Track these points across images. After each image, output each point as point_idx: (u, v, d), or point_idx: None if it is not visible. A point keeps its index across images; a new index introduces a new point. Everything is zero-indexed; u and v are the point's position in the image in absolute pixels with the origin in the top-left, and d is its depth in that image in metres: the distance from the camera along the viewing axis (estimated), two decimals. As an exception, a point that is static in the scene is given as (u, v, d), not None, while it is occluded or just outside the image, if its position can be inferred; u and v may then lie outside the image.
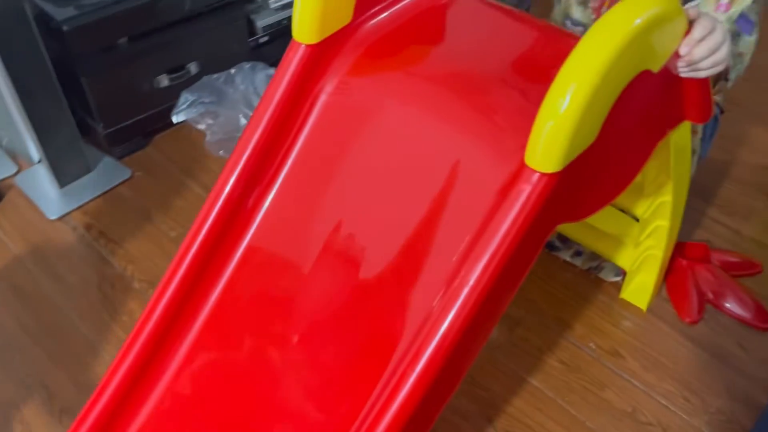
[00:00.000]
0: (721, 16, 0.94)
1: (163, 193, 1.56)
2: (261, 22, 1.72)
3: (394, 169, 0.81)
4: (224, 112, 1.58)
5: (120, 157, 1.64)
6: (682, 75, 0.78)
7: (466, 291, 0.69)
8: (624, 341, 1.27)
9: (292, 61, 0.82)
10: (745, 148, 1.70)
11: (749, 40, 0.96)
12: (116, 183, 1.57)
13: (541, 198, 0.69)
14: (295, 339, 0.82)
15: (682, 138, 0.97)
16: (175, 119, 1.59)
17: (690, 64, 0.75)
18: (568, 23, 1.19)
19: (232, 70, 1.64)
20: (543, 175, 0.68)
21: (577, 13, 1.17)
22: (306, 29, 0.82)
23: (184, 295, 0.84)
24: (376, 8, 0.88)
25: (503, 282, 0.72)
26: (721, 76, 0.95)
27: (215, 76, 1.62)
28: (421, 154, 0.80)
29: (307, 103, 0.85)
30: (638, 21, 0.65)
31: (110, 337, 1.27)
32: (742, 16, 0.98)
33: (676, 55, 0.75)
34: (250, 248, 0.86)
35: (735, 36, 0.97)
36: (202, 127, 1.60)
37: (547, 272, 1.39)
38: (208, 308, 0.86)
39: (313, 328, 0.82)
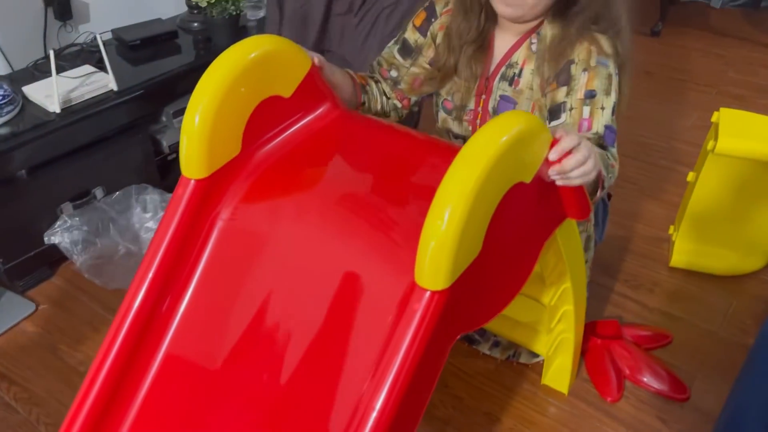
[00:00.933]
0: (588, 134, 0.98)
1: (72, 325, 1.49)
2: (167, 140, 1.73)
3: (297, 291, 0.82)
4: (102, 241, 1.54)
5: (23, 291, 1.57)
6: (558, 183, 0.83)
7: (374, 416, 0.69)
8: (551, 429, 1.28)
9: (183, 197, 0.83)
10: (640, 222, 1.81)
11: (613, 151, 0.99)
12: (19, 319, 1.49)
13: (434, 315, 0.71)
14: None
15: (568, 231, 1.02)
16: (46, 240, 1.53)
17: (561, 173, 0.80)
18: (450, 136, 1.23)
19: (117, 194, 1.61)
20: (434, 293, 0.71)
21: (454, 126, 1.21)
22: (194, 165, 0.83)
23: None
24: (265, 137, 0.91)
25: (410, 398, 0.72)
26: (599, 182, 0.95)
27: (101, 199, 1.60)
28: (321, 273, 0.81)
29: (204, 231, 0.86)
30: (504, 139, 0.71)
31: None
32: (607, 128, 0.99)
33: (547, 163, 0.81)
34: (162, 369, 0.85)
35: (604, 149, 0.99)
36: (74, 253, 1.52)
37: (471, 367, 1.39)
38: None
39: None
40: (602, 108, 0.99)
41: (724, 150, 1.44)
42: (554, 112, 1.02)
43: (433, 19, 1.14)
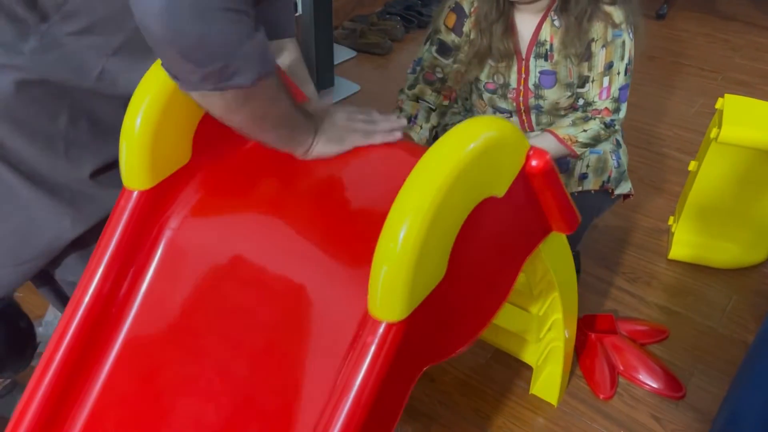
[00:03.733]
0: (606, 102, 1.23)
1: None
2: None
3: (244, 311, 0.74)
4: None
5: None
6: None
7: None
8: (543, 427, 1.24)
9: (125, 210, 0.74)
10: (640, 212, 1.76)
11: (623, 107, 1.24)
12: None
13: (391, 350, 0.61)
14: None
15: (555, 244, 0.92)
16: None
17: None
18: (497, 112, 1.33)
19: None
20: (390, 324, 0.61)
21: (501, 103, 1.31)
22: (135, 176, 0.74)
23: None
24: (217, 145, 0.81)
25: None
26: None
27: None
28: (275, 292, 0.72)
29: (148, 244, 0.77)
30: (470, 147, 0.61)
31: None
32: (621, 88, 1.22)
33: (523, 174, 0.72)
34: (107, 385, 0.76)
35: (618, 110, 1.24)
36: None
37: (458, 361, 1.35)
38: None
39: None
40: (618, 73, 1.21)
41: (728, 138, 1.38)
42: (581, 81, 1.25)
43: (465, 19, 1.25)
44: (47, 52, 0.70)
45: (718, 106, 1.45)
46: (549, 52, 1.23)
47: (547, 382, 1.27)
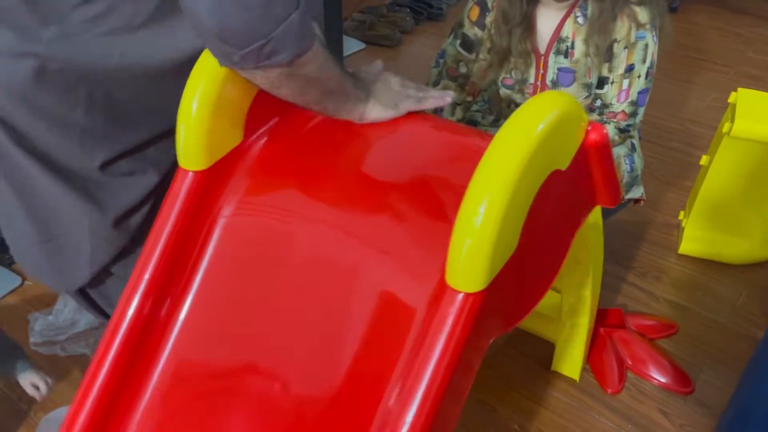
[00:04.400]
0: (623, 105, 1.22)
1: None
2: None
3: (310, 287, 0.74)
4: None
5: (10, 264, 1.53)
6: None
7: (405, 430, 0.62)
8: (548, 420, 1.24)
9: (181, 190, 0.75)
10: (650, 207, 1.74)
11: (639, 117, 1.22)
12: (4, 292, 1.46)
13: (469, 320, 0.62)
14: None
15: (594, 218, 0.97)
16: None
17: None
18: (513, 107, 1.32)
19: None
20: (468, 295, 0.62)
21: (517, 98, 1.31)
22: (193, 156, 0.75)
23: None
24: (268, 125, 0.82)
25: (443, 411, 0.65)
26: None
27: None
28: (336, 273, 0.73)
29: (204, 229, 0.78)
30: (545, 122, 0.63)
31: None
32: (641, 92, 1.21)
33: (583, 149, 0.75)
34: (162, 379, 0.76)
35: (635, 114, 1.23)
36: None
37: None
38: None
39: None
40: (638, 76, 1.19)
41: (741, 133, 1.37)
42: (600, 82, 1.23)
43: (487, 13, 1.26)
44: (66, 40, 0.70)
45: (730, 100, 1.44)
46: (570, 50, 1.22)
47: (570, 359, 1.28)
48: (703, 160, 1.52)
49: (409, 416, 0.62)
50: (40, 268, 0.84)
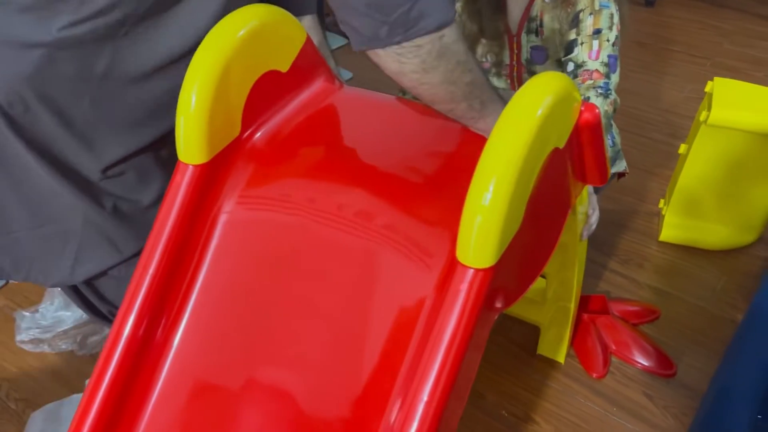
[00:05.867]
0: (596, 63, 1.22)
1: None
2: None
3: (318, 280, 0.75)
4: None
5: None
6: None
7: (421, 407, 0.63)
8: (536, 405, 1.26)
9: (182, 185, 0.75)
10: (632, 196, 1.77)
11: (614, 78, 1.20)
12: (-10, 292, 1.45)
13: (480, 295, 0.65)
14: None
15: (582, 199, 1.00)
16: None
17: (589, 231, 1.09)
18: None
19: None
20: (478, 271, 0.65)
21: (495, 82, 1.32)
22: (193, 149, 0.75)
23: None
24: (264, 116, 0.83)
25: (456, 387, 0.66)
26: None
27: None
28: (343, 264, 0.74)
29: (207, 225, 0.78)
30: (548, 100, 0.66)
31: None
32: (611, 56, 1.21)
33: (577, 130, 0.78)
34: (167, 385, 0.76)
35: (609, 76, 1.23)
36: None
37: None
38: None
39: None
40: (607, 40, 1.21)
41: (718, 121, 1.40)
42: (569, 47, 1.23)
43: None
44: (75, 28, 0.70)
45: (707, 89, 1.47)
46: (539, 27, 1.24)
47: (554, 341, 1.30)
48: (682, 148, 1.55)
49: (425, 393, 0.63)
50: (31, 260, 0.83)
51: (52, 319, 1.37)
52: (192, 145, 0.75)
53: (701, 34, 2.66)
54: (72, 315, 1.36)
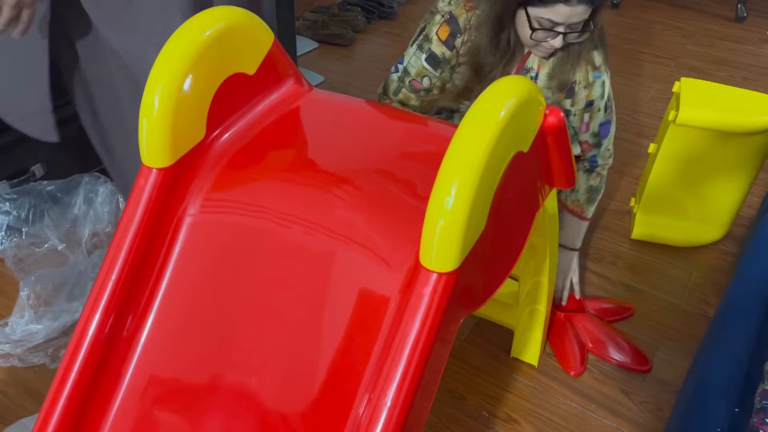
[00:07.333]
0: (586, 135, 1.28)
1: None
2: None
3: (282, 282, 0.75)
4: (30, 230, 1.41)
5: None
6: None
7: (385, 412, 0.63)
8: (516, 405, 1.26)
9: (145, 188, 0.75)
10: (603, 195, 1.79)
11: (606, 143, 1.28)
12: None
13: (443, 299, 0.65)
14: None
15: (551, 204, 1.00)
16: None
17: None
18: None
19: (62, 181, 1.48)
20: (441, 275, 0.65)
21: None
22: (157, 153, 0.74)
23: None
24: (230, 120, 0.82)
25: (421, 391, 0.66)
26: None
27: (45, 183, 1.48)
28: (307, 267, 0.74)
29: (171, 227, 0.77)
30: (509, 104, 0.66)
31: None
32: (602, 124, 1.26)
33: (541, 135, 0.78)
34: (132, 385, 0.75)
35: (599, 145, 1.30)
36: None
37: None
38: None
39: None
40: (598, 110, 1.25)
41: (686, 120, 1.43)
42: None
43: (458, 35, 1.23)
44: None
45: (675, 89, 1.50)
46: (534, 80, 1.25)
47: (528, 344, 1.31)
48: (651, 147, 1.58)
49: (389, 397, 0.63)
50: None
51: (22, 332, 1.33)
52: (155, 148, 0.75)
53: (665, 35, 2.72)
54: (43, 328, 1.32)
